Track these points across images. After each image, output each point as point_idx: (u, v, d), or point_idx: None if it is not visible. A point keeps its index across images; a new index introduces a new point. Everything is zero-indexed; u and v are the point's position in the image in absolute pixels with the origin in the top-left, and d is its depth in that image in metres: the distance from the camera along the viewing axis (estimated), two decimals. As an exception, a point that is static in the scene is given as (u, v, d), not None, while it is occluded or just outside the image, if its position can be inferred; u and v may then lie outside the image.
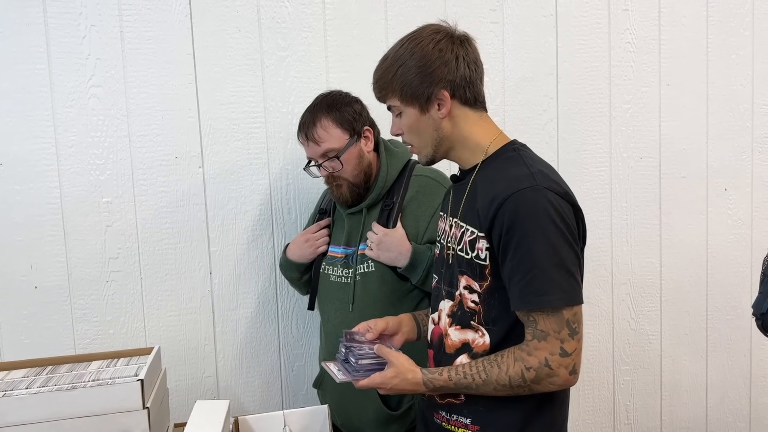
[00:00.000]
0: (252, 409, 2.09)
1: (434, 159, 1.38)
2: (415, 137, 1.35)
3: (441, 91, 1.30)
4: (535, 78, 2.21)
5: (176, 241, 2.00)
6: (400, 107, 1.33)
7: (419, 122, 1.32)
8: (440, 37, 1.30)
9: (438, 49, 1.29)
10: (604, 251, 2.31)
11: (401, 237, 1.71)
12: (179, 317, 2.02)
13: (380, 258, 1.72)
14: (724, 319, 2.44)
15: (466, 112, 1.33)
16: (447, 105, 1.31)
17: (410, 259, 1.68)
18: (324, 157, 1.74)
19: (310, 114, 1.75)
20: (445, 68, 1.29)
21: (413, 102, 1.31)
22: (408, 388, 1.33)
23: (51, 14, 1.86)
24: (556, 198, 1.24)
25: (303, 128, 1.75)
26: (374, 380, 1.33)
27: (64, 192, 1.91)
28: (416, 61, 1.29)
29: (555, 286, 1.21)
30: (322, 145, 1.73)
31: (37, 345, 1.91)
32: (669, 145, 2.33)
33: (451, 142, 1.35)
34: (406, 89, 1.30)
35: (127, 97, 1.93)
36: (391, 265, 1.72)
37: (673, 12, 2.29)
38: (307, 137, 1.74)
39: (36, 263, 1.91)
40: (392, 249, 1.70)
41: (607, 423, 2.39)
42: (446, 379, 1.30)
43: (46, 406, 1.30)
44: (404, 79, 1.29)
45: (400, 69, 1.30)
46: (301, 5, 2.02)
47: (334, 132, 1.73)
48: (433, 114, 1.31)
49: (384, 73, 1.33)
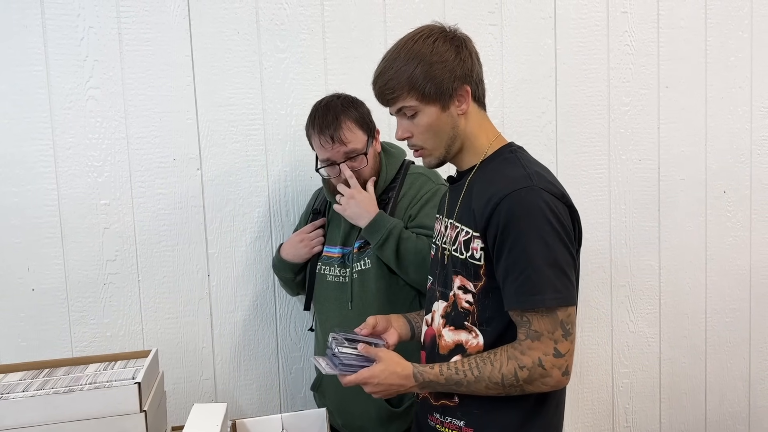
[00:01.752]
0: (250, 412, 2.08)
1: (444, 160, 1.36)
2: (430, 137, 1.32)
3: (463, 86, 1.29)
4: (534, 80, 2.21)
5: (174, 244, 2.00)
6: (418, 107, 1.29)
7: (439, 120, 1.30)
8: (451, 35, 1.30)
9: (455, 46, 1.29)
10: (603, 253, 2.30)
11: (371, 199, 1.74)
12: (177, 320, 2.02)
13: (346, 212, 1.74)
14: (722, 322, 2.44)
15: (476, 110, 1.34)
16: (468, 100, 1.30)
17: (372, 219, 1.70)
18: (346, 158, 1.73)
19: (332, 115, 1.71)
20: (464, 64, 1.29)
21: (435, 99, 1.28)
22: (397, 383, 1.30)
23: (49, 16, 1.86)
24: (552, 199, 1.24)
25: (327, 130, 1.71)
26: (362, 375, 1.30)
27: (62, 194, 1.91)
28: (437, 57, 1.26)
29: (549, 286, 1.21)
30: (348, 146, 1.72)
31: (34, 347, 1.91)
32: (668, 147, 2.33)
33: (462, 142, 1.34)
34: (429, 86, 1.27)
35: (125, 99, 1.93)
36: (354, 222, 1.74)
37: (672, 14, 2.29)
38: (332, 139, 1.70)
39: (33, 265, 1.90)
40: (360, 206, 1.72)
41: (606, 426, 2.39)
42: (437, 374, 1.29)
43: (43, 410, 1.30)
44: (425, 77, 1.26)
45: (418, 67, 1.26)
46: (299, 7, 2.02)
47: (358, 132, 1.73)
48: (453, 111, 1.30)
49: (397, 74, 1.28)
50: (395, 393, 1.33)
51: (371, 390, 1.32)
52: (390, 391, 1.32)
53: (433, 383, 1.30)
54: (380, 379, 1.30)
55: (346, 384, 1.33)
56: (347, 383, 1.33)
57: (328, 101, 1.76)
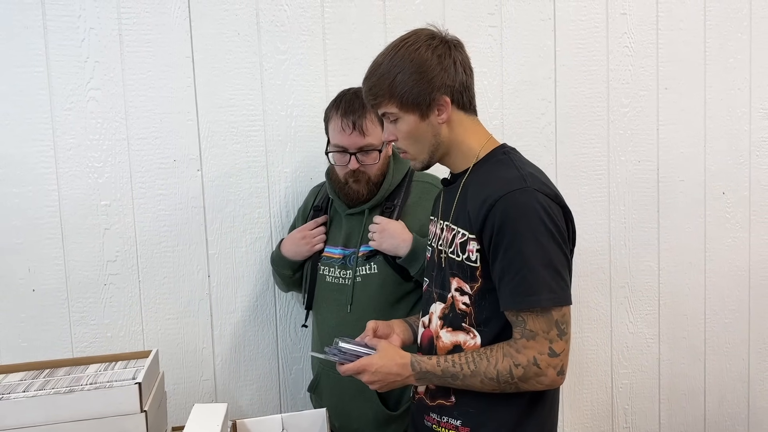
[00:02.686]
0: (250, 412, 2.08)
1: (429, 164, 1.38)
2: (412, 144, 1.34)
3: (442, 97, 1.29)
4: (534, 81, 2.21)
5: (174, 244, 2.00)
6: (398, 114, 1.31)
7: (418, 129, 1.31)
8: (437, 42, 1.30)
9: (437, 55, 1.29)
10: (602, 255, 2.30)
11: (403, 227, 1.72)
12: (177, 320, 2.02)
13: (383, 246, 1.72)
14: (722, 323, 2.45)
15: (462, 117, 1.34)
16: (447, 110, 1.31)
17: (411, 246, 1.69)
18: (359, 150, 1.72)
19: (359, 103, 1.69)
20: (445, 73, 1.29)
21: (413, 108, 1.29)
22: (394, 371, 1.31)
23: (50, 17, 1.86)
24: (546, 200, 1.25)
25: (351, 115, 1.69)
26: (360, 362, 1.32)
27: (63, 195, 1.91)
28: (416, 67, 1.28)
29: (544, 286, 1.22)
30: (366, 138, 1.71)
31: (34, 348, 1.91)
32: (667, 148, 2.33)
33: (447, 148, 1.35)
34: (407, 96, 1.28)
35: (126, 100, 1.93)
36: (392, 253, 1.72)
37: (671, 16, 2.29)
38: (354, 125, 1.68)
39: (34, 266, 1.91)
40: (395, 236, 1.70)
41: (605, 427, 2.39)
42: (434, 364, 1.30)
43: (43, 410, 1.30)
44: (404, 86, 1.28)
45: (398, 75, 1.28)
46: (300, 9, 2.02)
47: (377, 129, 1.71)
48: (433, 120, 1.31)
49: (380, 80, 1.30)
50: (392, 384, 1.33)
51: (368, 379, 1.31)
52: (387, 381, 1.32)
53: (430, 374, 1.31)
54: (377, 366, 1.30)
55: (344, 372, 1.33)
56: (344, 371, 1.33)
57: (358, 90, 1.73)
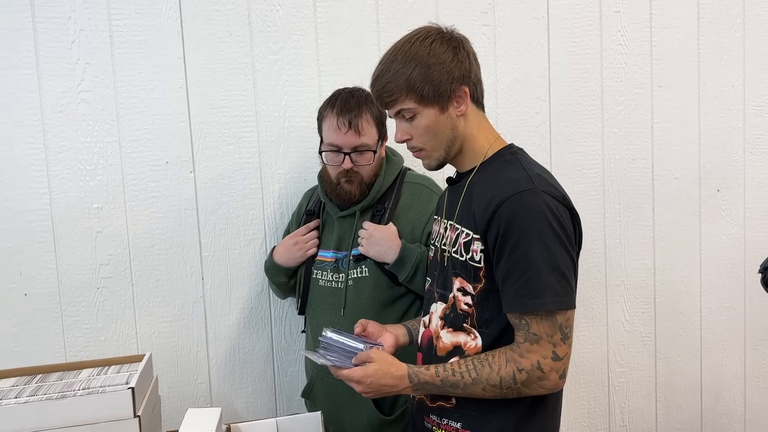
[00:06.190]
0: (245, 416, 2.07)
1: (444, 162, 1.36)
2: (430, 139, 1.32)
3: (461, 87, 1.29)
4: (528, 80, 2.21)
5: (167, 247, 1.99)
6: (416, 109, 1.29)
7: (438, 122, 1.30)
8: (448, 36, 1.31)
9: (452, 47, 1.29)
10: (598, 253, 2.30)
11: (392, 233, 1.71)
12: (171, 323, 2.01)
13: (369, 252, 1.71)
14: (717, 320, 2.45)
15: (475, 111, 1.34)
16: (466, 101, 1.30)
17: (399, 254, 1.68)
18: (354, 150, 1.71)
19: (355, 102, 1.69)
20: (461, 65, 1.29)
21: (433, 101, 1.28)
22: (390, 383, 1.29)
23: (39, 19, 1.85)
24: (554, 202, 1.24)
25: (347, 114, 1.68)
26: (355, 373, 1.29)
27: (54, 198, 1.90)
28: (434, 59, 1.27)
29: (549, 289, 1.21)
30: (361, 138, 1.70)
31: (27, 353, 1.89)
32: (661, 146, 2.33)
33: (461, 143, 1.34)
34: (427, 88, 1.27)
35: (117, 102, 1.92)
36: (380, 260, 1.72)
37: (665, 14, 2.29)
38: (349, 124, 1.68)
39: (26, 270, 1.89)
40: (382, 243, 1.70)
41: (602, 425, 2.39)
42: (432, 375, 1.28)
43: (35, 416, 1.29)
44: (424, 79, 1.26)
45: (416, 69, 1.26)
46: (292, 9, 2.01)
47: (373, 129, 1.72)
48: (452, 112, 1.30)
49: (395, 77, 1.27)
50: (386, 394, 1.31)
51: (362, 389, 1.30)
52: (381, 392, 1.30)
53: (428, 384, 1.29)
54: (373, 379, 1.28)
55: (338, 377, 1.32)
56: (339, 376, 1.32)
57: (353, 90, 1.74)
